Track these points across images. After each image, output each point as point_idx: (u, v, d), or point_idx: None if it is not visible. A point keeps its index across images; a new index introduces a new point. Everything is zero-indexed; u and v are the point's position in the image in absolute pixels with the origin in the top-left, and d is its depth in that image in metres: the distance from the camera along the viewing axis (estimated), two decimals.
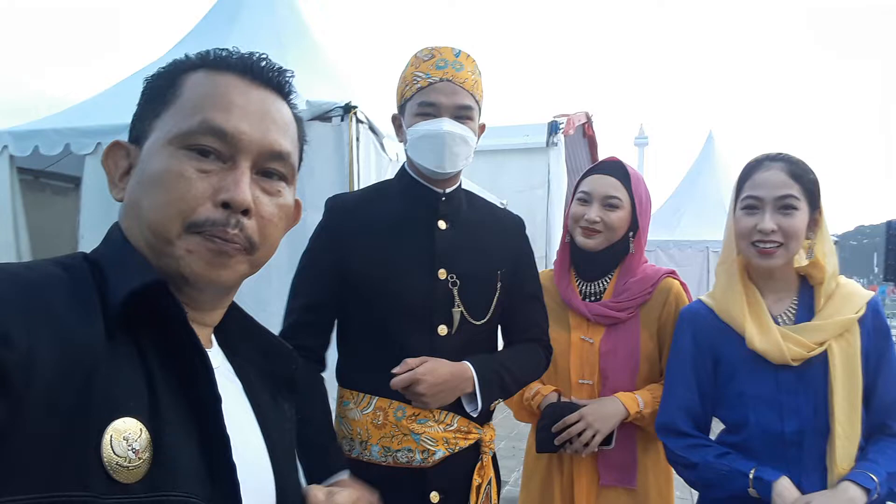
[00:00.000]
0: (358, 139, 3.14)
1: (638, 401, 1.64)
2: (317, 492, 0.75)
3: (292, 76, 0.77)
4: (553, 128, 6.37)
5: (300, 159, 0.81)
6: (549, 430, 1.64)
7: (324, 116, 3.16)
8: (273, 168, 0.72)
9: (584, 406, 1.64)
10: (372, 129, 3.28)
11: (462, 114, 1.41)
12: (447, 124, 1.39)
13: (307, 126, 2.96)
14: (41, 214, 4.21)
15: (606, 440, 1.63)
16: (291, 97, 0.77)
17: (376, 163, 3.34)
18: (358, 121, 3.14)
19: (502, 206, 1.86)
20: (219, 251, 0.67)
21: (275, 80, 0.74)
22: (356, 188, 2.97)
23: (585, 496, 1.67)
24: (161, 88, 0.71)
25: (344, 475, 1.27)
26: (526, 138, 6.41)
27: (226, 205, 0.66)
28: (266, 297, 2.42)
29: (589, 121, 8.09)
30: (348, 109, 3.11)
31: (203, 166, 0.67)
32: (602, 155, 8.61)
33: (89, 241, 3.43)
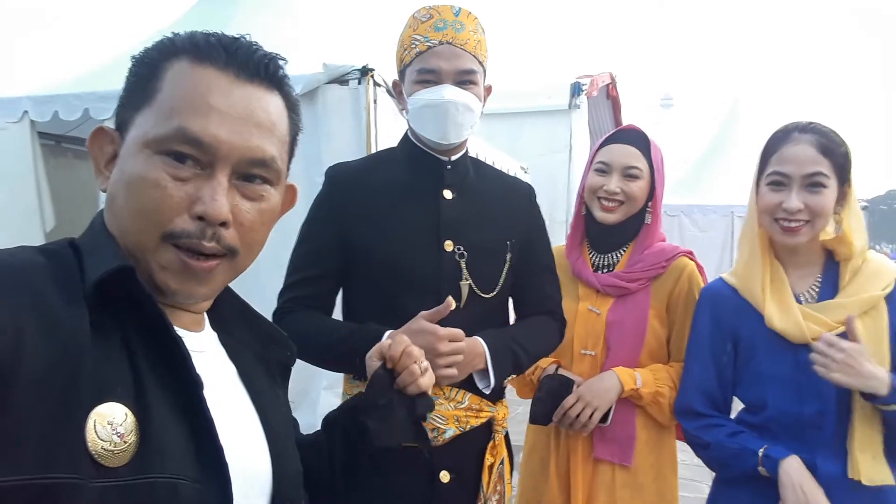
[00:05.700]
0: (375, 102, 3.10)
1: (636, 377, 1.60)
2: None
3: (284, 62, 0.73)
4: (576, 89, 6.22)
5: (292, 150, 0.78)
6: (544, 403, 1.61)
7: (341, 79, 3.12)
8: (255, 173, 0.70)
9: (579, 379, 1.62)
10: (390, 92, 3.24)
11: (465, 79, 1.34)
12: (449, 92, 1.32)
13: (323, 90, 2.92)
14: (64, 179, 4.25)
15: (603, 417, 1.59)
16: (284, 83, 0.73)
17: (395, 127, 3.30)
18: (375, 84, 3.09)
19: (522, 171, 1.80)
20: (193, 272, 0.66)
21: (263, 72, 0.70)
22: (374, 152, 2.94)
23: (581, 471, 1.64)
24: (143, 77, 0.68)
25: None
26: (547, 100, 6.27)
27: (202, 217, 0.65)
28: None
29: (613, 82, 7.89)
30: (365, 72, 3.07)
31: (179, 173, 0.65)
32: (626, 117, 8.42)
33: None
